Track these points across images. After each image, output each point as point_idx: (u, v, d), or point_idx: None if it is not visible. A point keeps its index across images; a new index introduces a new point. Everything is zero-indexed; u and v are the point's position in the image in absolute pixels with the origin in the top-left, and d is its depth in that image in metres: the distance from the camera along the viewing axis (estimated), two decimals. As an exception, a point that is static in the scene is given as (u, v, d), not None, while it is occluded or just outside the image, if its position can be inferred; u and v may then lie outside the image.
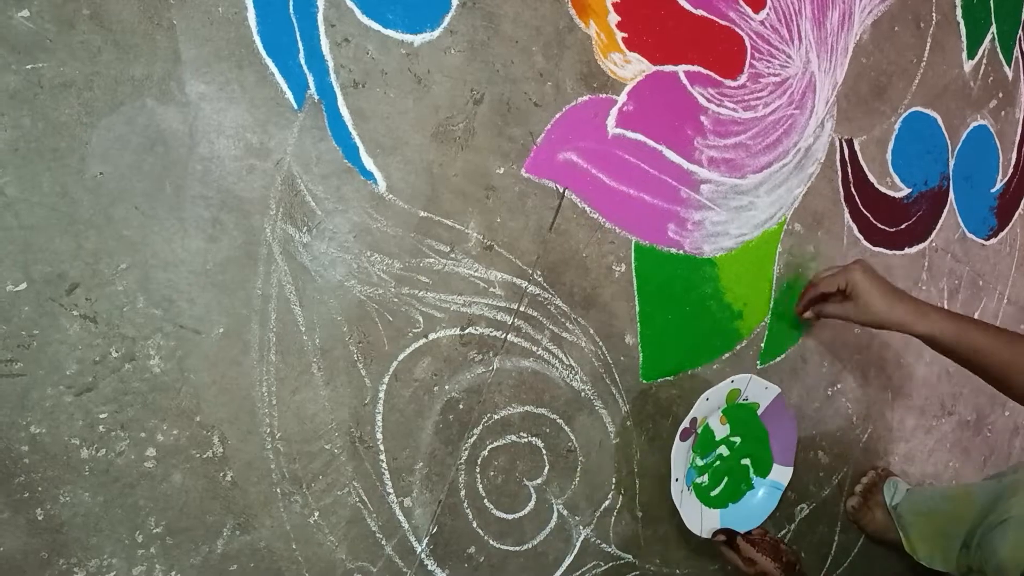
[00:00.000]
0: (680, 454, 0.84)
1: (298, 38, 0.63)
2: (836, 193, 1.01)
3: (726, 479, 0.93)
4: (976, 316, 1.24)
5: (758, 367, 0.96)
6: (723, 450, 0.92)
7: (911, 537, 0.99)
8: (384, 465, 0.71)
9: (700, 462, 0.90)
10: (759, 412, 0.93)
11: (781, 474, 0.95)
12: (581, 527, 0.84)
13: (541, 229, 0.77)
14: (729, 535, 0.87)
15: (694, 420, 0.85)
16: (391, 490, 0.72)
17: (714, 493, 0.92)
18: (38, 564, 0.57)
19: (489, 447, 0.77)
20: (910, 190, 1.09)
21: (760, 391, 0.91)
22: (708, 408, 0.87)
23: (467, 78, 0.72)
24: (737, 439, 0.93)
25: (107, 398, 0.59)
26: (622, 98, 0.80)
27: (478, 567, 0.78)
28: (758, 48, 0.89)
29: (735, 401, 0.90)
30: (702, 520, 0.89)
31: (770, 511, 0.93)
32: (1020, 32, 1.22)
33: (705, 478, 0.91)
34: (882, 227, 1.06)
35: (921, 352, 1.15)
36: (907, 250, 1.11)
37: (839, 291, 0.87)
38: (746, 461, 0.94)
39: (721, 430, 0.92)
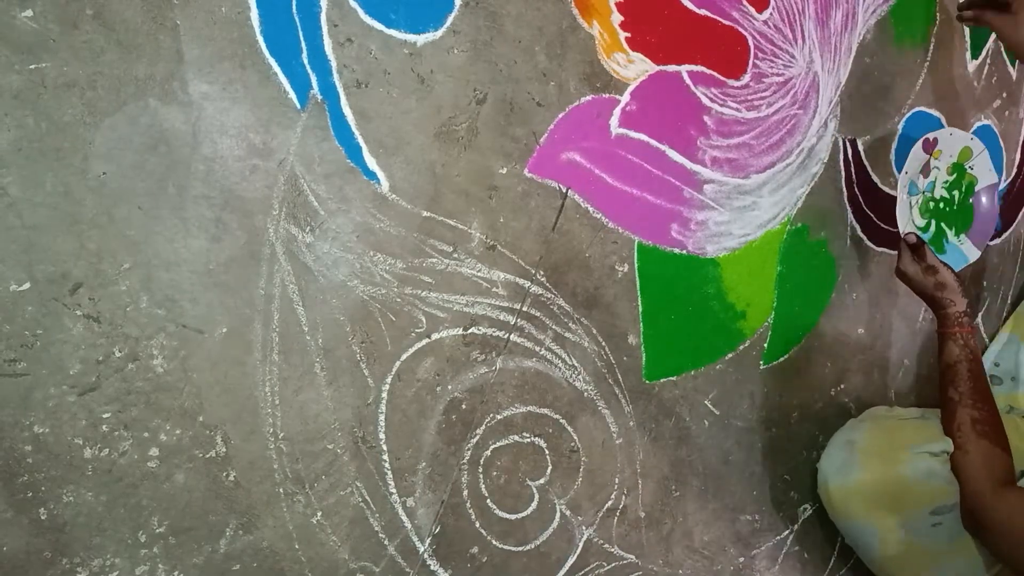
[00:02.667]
0: (916, 158, 0.91)
1: (301, 38, 0.63)
2: (839, 193, 1.00)
3: (935, 214, 0.98)
4: (979, 317, 1.24)
5: (761, 367, 0.96)
6: (940, 191, 0.98)
7: None
8: (387, 465, 0.71)
9: (922, 182, 0.96)
10: (975, 188, 0.99)
11: (970, 251, 1.00)
12: (584, 527, 0.84)
13: (544, 229, 0.77)
14: (920, 240, 0.91)
15: (936, 140, 0.92)
16: (394, 490, 0.72)
17: (918, 223, 0.97)
18: (41, 564, 0.57)
19: (492, 447, 0.77)
20: (913, 190, 1.09)
21: (985, 171, 0.97)
22: (946, 143, 0.94)
23: (470, 78, 0.72)
24: (951, 195, 0.99)
25: (110, 398, 0.59)
26: (625, 98, 0.80)
27: (481, 567, 0.78)
28: (761, 48, 0.89)
29: (964, 162, 0.96)
30: (911, 219, 0.94)
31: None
32: (1024, 32, 1.22)
33: (918, 199, 0.97)
34: (885, 227, 1.06)
35: (924, 353, 1.15)
36: (910, 250, 1.10)
37: (1004, 5, 0.92)
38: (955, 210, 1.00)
39: (943, 176, 0.98)
